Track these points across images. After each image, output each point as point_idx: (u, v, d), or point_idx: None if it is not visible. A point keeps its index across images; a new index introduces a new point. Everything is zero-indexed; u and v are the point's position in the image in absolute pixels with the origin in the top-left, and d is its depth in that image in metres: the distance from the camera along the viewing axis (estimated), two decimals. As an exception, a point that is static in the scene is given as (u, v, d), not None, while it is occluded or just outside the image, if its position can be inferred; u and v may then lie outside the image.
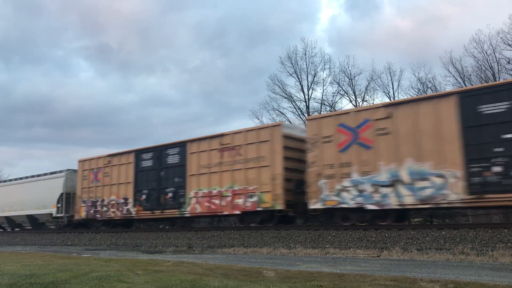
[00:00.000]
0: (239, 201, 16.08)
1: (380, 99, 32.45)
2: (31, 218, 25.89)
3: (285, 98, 33.06)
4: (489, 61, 26.86)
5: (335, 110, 28.85)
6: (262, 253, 12.58)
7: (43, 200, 24.42)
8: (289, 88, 33.05)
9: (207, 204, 17.01)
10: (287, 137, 15.77)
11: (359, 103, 31.41)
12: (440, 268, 7.99)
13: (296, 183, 15.52)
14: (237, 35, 67.97)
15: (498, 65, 26.62)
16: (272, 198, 15.14)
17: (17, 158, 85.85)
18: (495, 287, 5.79)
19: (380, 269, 8.02)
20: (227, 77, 65.93)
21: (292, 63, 32.74)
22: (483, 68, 27.10)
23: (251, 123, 35.28)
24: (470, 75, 27.54)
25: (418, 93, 29.04)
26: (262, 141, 15.82)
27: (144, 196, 19.27)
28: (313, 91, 32.77)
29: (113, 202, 20.53)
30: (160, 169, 18.90)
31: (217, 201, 16.73)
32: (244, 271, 7.85)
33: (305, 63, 32.62)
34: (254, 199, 15.65)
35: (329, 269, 8.01)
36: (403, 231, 12.49)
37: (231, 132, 17.22)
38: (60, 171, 24.79)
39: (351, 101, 32.14)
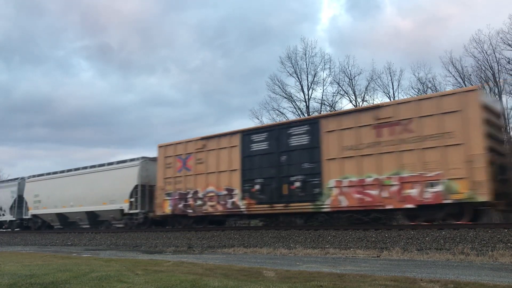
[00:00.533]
0: (413, 191, 12.64)
1: (380, 99, 32.48)
2: (92, 215, 22.38)
3: (285, 98, 33.16)
4: (489, 61, 26.93)
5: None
6: (262, 253, 12.58)
7: (110, 194, 20.76)
8: (289, 88, 33.14)
9: (357, 195, 13.63)
10: (486, 107, 12.32)
11: (359, 103, 31.46)
12: (440, 268, 7.99)
13: (498, 168, 12.32)
14: (237, 35, 68.08)
15: (498, 65, 26.68)
16: (470, 186, 11.75)
17: (17, 158, 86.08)
18: (495, 287, 5.79)
19: (380, 269, 8.02)
20: (227, 77, 66.06)
21: (292, 63, 32.83)
22: (483, 68, 27.16)
23: (251, 123, 35.26)
24: (470, 75, 27.60)
25: (418, 93, 29.09)
26: (448, 112, 12.37)
27: (257, 187, 15.84)
28: (313, 91, 32.89)
29: (211, 194, 17.09)
30: (280, 153, 15.45)
31: (374, 192, 13.37)
32: (244, 271, 7.85)
33: (305, 63, 32.70)
34: (438, 188, 12.23)
35: (329, 269, 8.00)
36: (403, 231, 12.47)
37: (393, 103, 14.31)
38: (132, 160, 21.01)
39: (351, 101, 32.17)
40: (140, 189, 19.86)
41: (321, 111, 31.77)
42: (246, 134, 16.60)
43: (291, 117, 32.51)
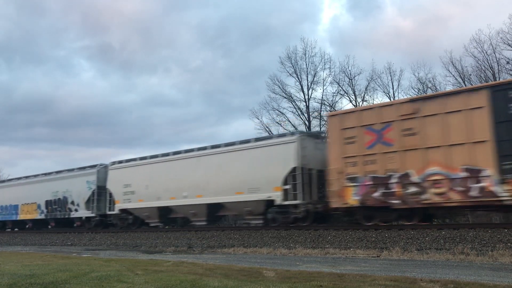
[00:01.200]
0: None
1: (380, 99, 32.47)
2: (213, 209, 17.65)
3: (285, 98, 33.10)
4: (489, 61, 26.96)
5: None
6: (262, 253, 12.58)
7: (250, 181, 16.16)
8: (289, 88, 33.08)
9: None
10: None
11: (359, 103, 31.45)
12: (440, 268, 7.99)
13: None
14: (238, 35, 68.05)
15: (498, 65, 26.71)
16: None
17: (18, 158, 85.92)
18: (495, 287, 5.79)
19: (380, 269, 8.02)
20: (228, 77, 66.00)
21: (292, 63, 32.77)
22: (483, 68, 27.19)
23: (251, 123, 35.18)
24: (470, 75, 27.63)
25: (418, 93, 29.08)
26: None
27: None
28: (313, 91, 32.83)
29: (436, 177, 12.56)
30: None
31: None
32: (244, 271, 7.86)
33: (305, 63, 32.66)
34: None
35: (329, 269, 8.01)
36: (403, 231, 12.49)
37: None
38: (282, 135, 16.75)
39: (351, 101, 32.18)
40: (300, 173, 15.23)
41: (321, 111, 31.77)
42: (500, 90, 11.96)
43: (291, 117, 32.40)
